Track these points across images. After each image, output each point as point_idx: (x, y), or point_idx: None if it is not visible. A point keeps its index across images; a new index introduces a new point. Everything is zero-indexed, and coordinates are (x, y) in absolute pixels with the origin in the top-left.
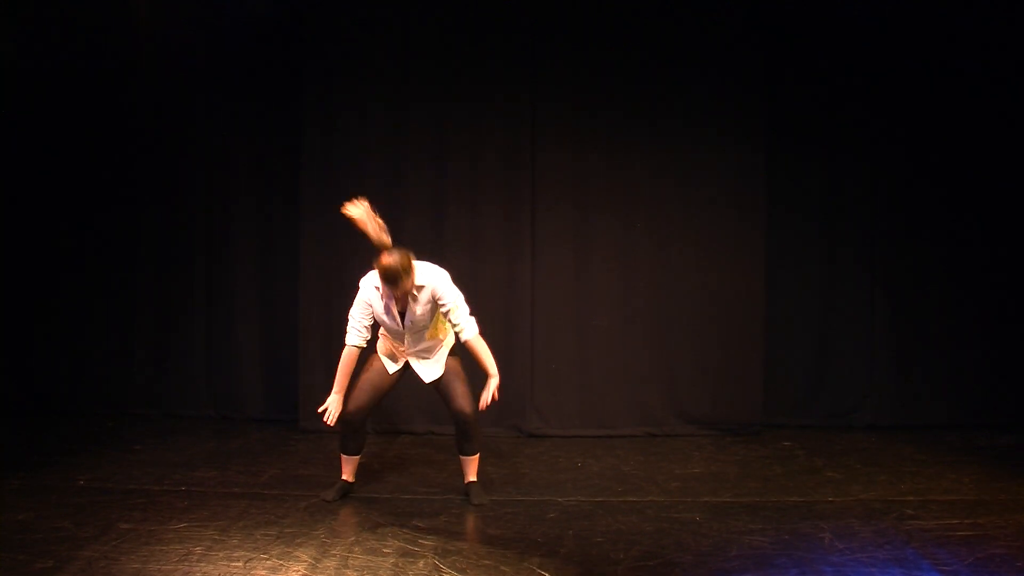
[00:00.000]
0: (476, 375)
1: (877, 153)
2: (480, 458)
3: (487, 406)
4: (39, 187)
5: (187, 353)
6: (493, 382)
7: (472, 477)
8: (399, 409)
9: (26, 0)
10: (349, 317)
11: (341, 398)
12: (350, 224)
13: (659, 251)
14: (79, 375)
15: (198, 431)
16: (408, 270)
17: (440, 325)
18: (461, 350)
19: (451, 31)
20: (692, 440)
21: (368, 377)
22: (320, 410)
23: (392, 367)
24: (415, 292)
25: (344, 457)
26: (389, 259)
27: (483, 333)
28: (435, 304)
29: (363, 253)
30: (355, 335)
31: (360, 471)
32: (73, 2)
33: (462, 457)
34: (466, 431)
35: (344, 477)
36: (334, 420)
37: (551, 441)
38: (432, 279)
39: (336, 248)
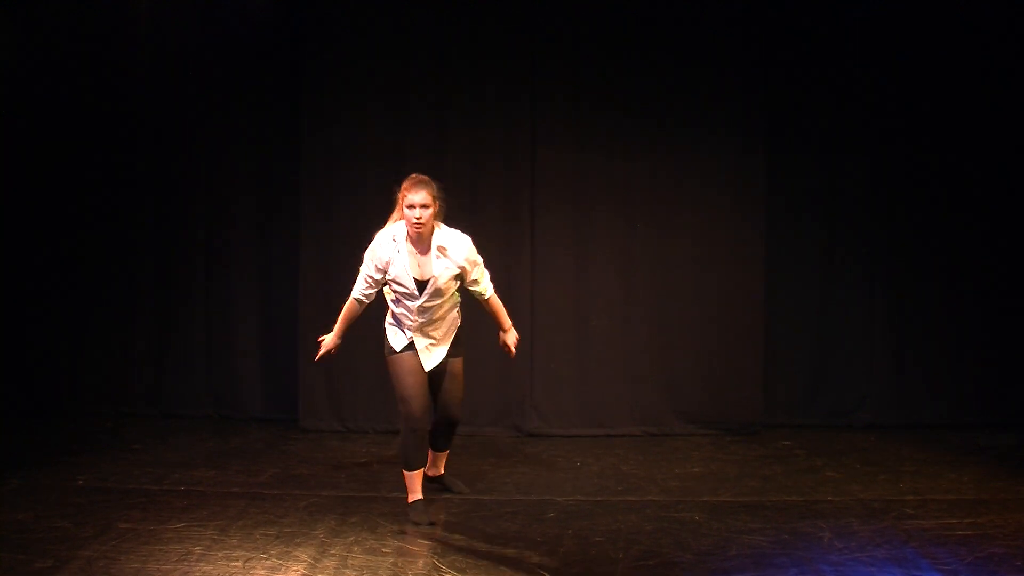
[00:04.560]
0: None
1: (877, 153)
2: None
3: (510, 351)
4: (38, 186)
5: (186, 352)
6: (511, 336)
7: (442, 470)
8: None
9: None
10: (359, 273)
11: (337, 341)
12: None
13: (659, 250)
14: (78, 374)
15: (197, 430)
16: (434, 188)
17: (453, 301)
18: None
19: (450, 29)
20: (691, 440)
21: (409, 379)
22: (322, 350)
23: (414, 348)
24: (439, 252)
25: (411, 475)
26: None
27: (482, 332)
28: (456, 272)
29: (362, 253)
30: (359, 289)
31: (359, 471)
32: (72, 2)
33: (435, 453)
34: (449, 433)
35: (419, 496)
36: (319, 356)
37: (550, 440)
38: (459, 242)
39: (336, 248)
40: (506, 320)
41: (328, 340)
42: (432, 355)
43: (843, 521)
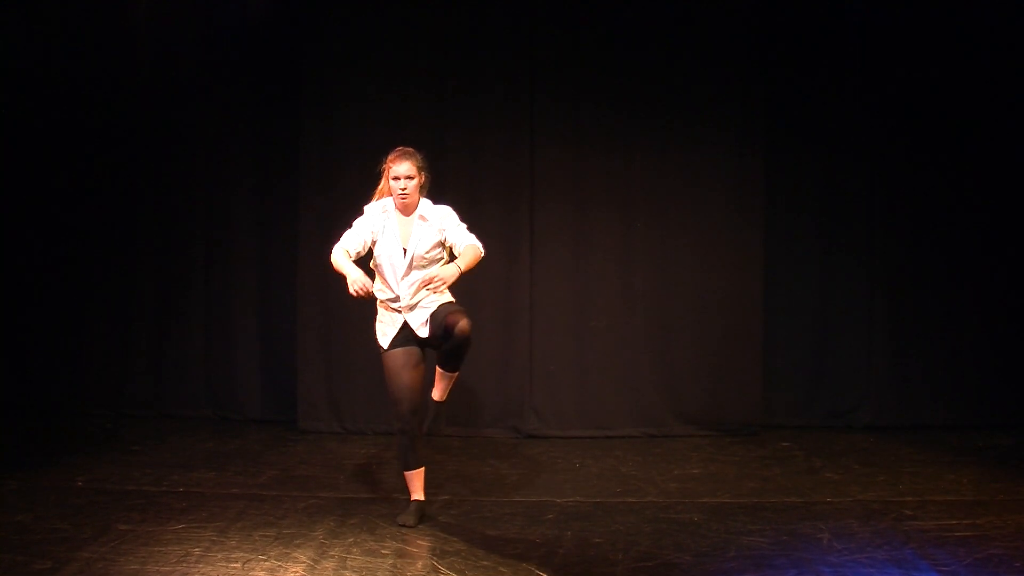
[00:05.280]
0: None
1: (876, 152)
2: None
3: (426, 283)
4: (37, 185)
5: (185, 354)
6: (450, 268)
7: (443, 398)
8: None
9: None
10: (347, 232)
11: (359, 271)
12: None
13: (658, 250)
14: (77, 375)
15: (196, 432)
16: (419, 160)
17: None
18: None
19: (450, 27)
20: (690, 441)
21: (398, 380)
22: (355, 291)
23: (406, 343)
24: (420, 219)
25: (409, 475)
26: None
27: (481, 332)
28: (438, 238)
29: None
30: (350, 243)
31: (358, 473)
32: None
33: (444, 371)
34: (461, 352)
35: (416, 497)
36: (370, 287)
37: (549, 442)
38: (438, 208)
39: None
40: (465, 261)
41: (357, 280)
42: (428, 326)
43: (842, 522)
